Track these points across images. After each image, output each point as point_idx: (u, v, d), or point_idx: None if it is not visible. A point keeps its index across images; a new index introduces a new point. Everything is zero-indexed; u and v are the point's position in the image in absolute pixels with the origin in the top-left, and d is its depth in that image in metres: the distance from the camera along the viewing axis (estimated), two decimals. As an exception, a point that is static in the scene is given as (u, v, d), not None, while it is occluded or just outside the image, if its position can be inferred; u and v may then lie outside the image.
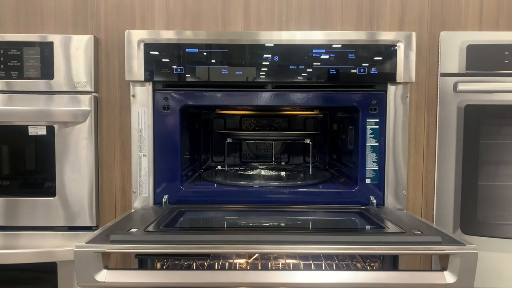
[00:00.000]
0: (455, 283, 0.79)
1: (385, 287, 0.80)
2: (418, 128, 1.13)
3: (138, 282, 0.79)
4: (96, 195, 1.13)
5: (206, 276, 0.80)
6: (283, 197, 1.14)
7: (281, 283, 0.80)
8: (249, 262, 1.32)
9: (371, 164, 1.14)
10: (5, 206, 1.12)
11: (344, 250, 0.79)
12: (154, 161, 1.13)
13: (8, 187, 1.13)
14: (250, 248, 0.80)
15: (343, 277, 0.80)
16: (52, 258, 1.10)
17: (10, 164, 1.14)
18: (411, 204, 1.13)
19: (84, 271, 0.78)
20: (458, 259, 0.78)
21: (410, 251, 0.80)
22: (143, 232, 0.83)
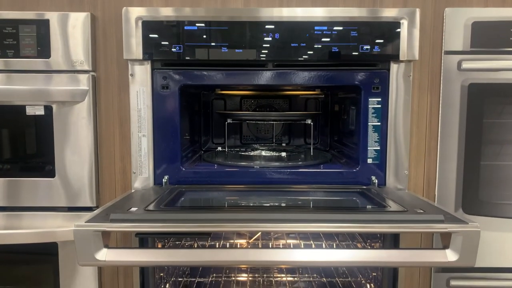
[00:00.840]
0: (457, 261, 0.78)
1: (386, 265, 0.80)
2: (421, 107, 1.12)
3: (139, 260, 0.79)
4: (96, 175, 1.12)
5: (207, 254, 0.80)
6: (284, 177, 1.14)
7: (282, 261, 0.80)
8: (250, 242, 1.33)
9: (373, 144, 1.12)
10: (7, 186, 1.11)
11: (346, 228, 0.79)
12: (153, 142, 1.11)
13: (8, 168, 1.12)
14: (251, 227, 0.79)
15: (345, 255, 0.79)
16: (52, 238, 1.09)
17: (9, 145, 1.13)
18: (412, 184, 1.12)
19: (84, 250, 0.77)
20: (460, 237, 0.78)
21: (412, 229, 0.79)
22: (143, 211, 0.82)
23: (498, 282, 1.13)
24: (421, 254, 0.79)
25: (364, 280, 1.32)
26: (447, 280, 1.14)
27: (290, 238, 1.50)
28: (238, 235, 1.54)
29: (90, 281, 1.13)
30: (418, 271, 1.14)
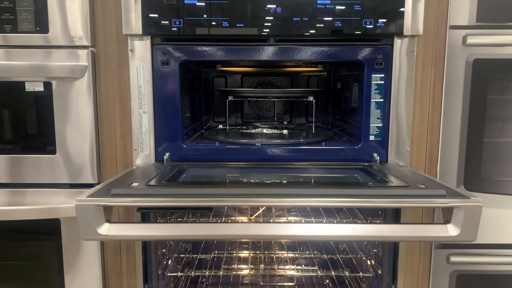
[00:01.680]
0: (458, 235, 0.79)
1: (388, 239, 0.80)
2: (424, 83, 1.10)
3: (141, 235, 0.80)
4: (97, 152, 1.12)
5: (208, 228, 0.80)
6: (285, 154, 1.13)
7: (283, 235, 0.80)
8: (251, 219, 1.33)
9: (375, 121, 1.12)
10: (9, 163, 1.11)
11: (347, 203, 0.79)
12: (154, 118, 1.11)
13: (9, 145, 1.12)
14: (252, 201, 0.79)
15: (346, 229, 0.79)
16: (55, 214, 1.10)
17: (9, 122, 1.12)
18: (414, 161, 1.12)
19: (86, 225, 0.78)
20: (461, 212, 0.78)
21: (414, 204, 0.79)
22: (145, 186, 0.82)
23: (498, 258, 1.14)
24: (422, 229, 0.80)
25: (364, 257, 1.33)
26: (447, 256, 1.14)
27: (291, 215, 1.50)
28: (239, 212, 1.55)
29: (93, 258, 1.14)
30: (418, 247, 1.15)
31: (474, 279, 1.16)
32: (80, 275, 1.15)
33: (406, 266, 1.15)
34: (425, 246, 1.15)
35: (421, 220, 1.14)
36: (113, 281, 1.17)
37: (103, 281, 1.16)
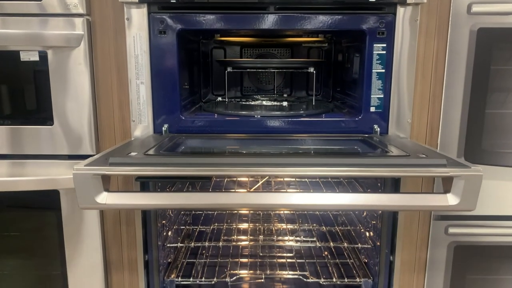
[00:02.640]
0: (457, 205, 0.78)
1: (387, 209, 0.80)
2: (427, 53, 1.08)
3: (139, 203, 0.79)
4: (95, 123, 1.10)
5: (207, 197, 0.80)
6: (285, 126, 1.12)
7: (282, 204, 0.80)
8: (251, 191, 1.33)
9: (376, 92, 1.10)
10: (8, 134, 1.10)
11: (347, 172, 0.78)
12: (152, 89, 1.09)
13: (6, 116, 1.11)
14: (252, 171, 0.78)
15: (346, 199, 0.79)
16: (54, 186, 1.10)
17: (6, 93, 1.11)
18: (415, 133, 1.11)
19: (84, 194, 0.77)
20: (462, 181, 0.77)
21: (414, 173, 0.78)
22: (143, 156, 0.82)
23: (496, 230, 1.14)
24: (422, 198, 0.79)
25: (363, 229, 1.34)
26: (445, 227, 1.15)
27: (290, 188, 1.51)
28: (239, 186, 1.55)
29: (93, 229, 1.15)
30: (417, 219, 1.15)
31: (472, 250, 1.17)
32: (81, 246, 1.16)
33: (405, 237, 1.16)
34: (424, 217, 1.15)
35: (420, 190, 1.14)
36: (114, 252, 1.18)
37: (103, 252, 1.17)
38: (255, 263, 1.42)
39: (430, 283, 1.18)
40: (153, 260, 1.15)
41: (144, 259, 1.15)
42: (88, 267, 1.16)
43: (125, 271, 1.19)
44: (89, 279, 1.17)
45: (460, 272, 1.18)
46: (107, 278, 1.19)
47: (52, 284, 1.20)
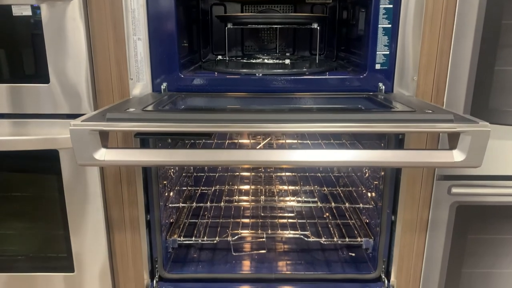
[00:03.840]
0: (463, 161, 0.77)
1: (391, 165, 0.79)
2: (436, 7, 1.03)
3: (138, 160, 0.78)
4: (92, 81, 1.07)
5: (208, 154, 0.78)
6: (287, 85, 1.09)
7: (285, 161, 0.78)
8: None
9: (382, 48, 1.06)
10: (8, 93, 1.08)
11: (351, 128, 0.76)
12: (150, 46, 1.05)
13: (2, 74, 1.08)
14: (254, 127, 0.76)
15: (349, 155, 0.78)
16: (53, 145, 1.09)
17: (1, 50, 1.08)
18: (421, 91, 1.08)
19: (82, 150, 0.76)
20: (468, 137, 0.75)
21: (420, 128, 0.76)
22: (141, 111, 0.80)
23: (501, 190, 1.13)
24: (426, 154, 0.78)
25: (365, 190, 1.34)
26: (448, 187, 1.14)
27: (292, 148, 1.49)
28: (240, 147, 1.54)
29: (94, 189, 1.14)
30: (420, 179, 1.14)
31: (474, 210, 1.16)
32: (82, 206, 1.16)
33: (407, 197, 1.15)
34: (427, 177, 1.14)
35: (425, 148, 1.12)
36: (115, 212, 1.18)
37: (104, 211, 1.17)
38: (256, 223, 1.43)
39: (431, 243, 1.19)
40: (155, 220, 1.15)
41: (146, 218, 1.15)
42: (90, 226, 1.17)
43: (127, 230, 1.19)
44: (92, 238, 1.18)
45: (461, 232, 1.18)
46: (109, 237, 1.19)
47: (56, 244, 1.21)
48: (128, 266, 1.23)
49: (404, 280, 1.24)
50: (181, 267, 1.24)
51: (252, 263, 1.27)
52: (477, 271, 1.21)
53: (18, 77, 1.08)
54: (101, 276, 1.21)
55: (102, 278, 1.21)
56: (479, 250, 1.20)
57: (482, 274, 1.22)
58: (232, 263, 1.27)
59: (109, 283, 1.22)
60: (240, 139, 1.51)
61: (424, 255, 1.21)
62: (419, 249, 1.21)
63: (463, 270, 1.21)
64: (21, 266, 1.22)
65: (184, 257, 1.31)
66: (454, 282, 1.22)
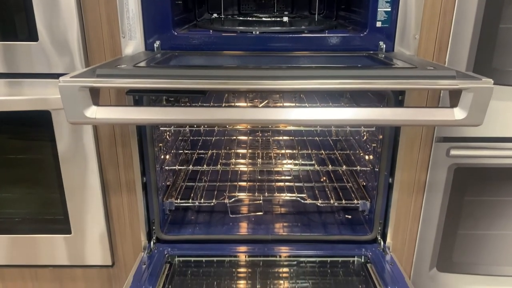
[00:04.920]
0: (464, 119, 0.75)
1: (390, 123, 0.77)
2: (442, -41, 0.99)
3: (131, 118, 0.76)
4: (83, 39, 1.03)
5: (203, 112, 0.76)
6: (285, 44, 1.06)
7: (282, 120, 0.76)
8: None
9: (384, 5, 1.02)
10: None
11: (350, 85, 0.73)
12: (141, 2, 1.01)
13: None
14: (250, 84, 0.74)
15: (348, 113, 0.76)
16: (45, 106, 1.06)
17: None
18: (422, 50, 1.04)
19: (72, 107, 0.74)
20: (470, 94, 0.73)
21: (421, 85, 0.74)
22: (133, 67, 0.77)
23: (499, 152, 1.12)
24: (427, 112, 0.76)
25: (363, 153, 1.32)
26: (447, 149, 1.13)
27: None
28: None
29: (88, 151, 1.13)
30: (419, 140, 1.13)
31: (472, 172, 1.16)
32: (77, 169, 1.14)
33: (405, 159, 1.14)
34: (426, 139, 1.12)
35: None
36: (111, 174, 1.17)
37: (100, 174, 1.16)
38: (253, 186, 1.42)
39: (428, 205, 1.19)
40: (151, 182, 1.14)
41: (142, 181, 1.14)
42: (86, 189, 1.16)
43: (123, 192, 1.18)
44: (88, 201, 1.17)
45: (458, 194, 1.18)
46: (105, 200, 1.19)
47: (52, 207, 1.21)
48: (125, 228, 1.23)
49: (400, 241, 1.25)
50: (178, 229, 1.25)
51: (249, 225, 1.27)
52: (473, 232, 1.22)
53: (7, 35, 1.04)
54: (99, 237, 1.22)
55: (100, 240, 1.22)
56: (475, 212, 1.20)
57: (478, 235, 1.23)
58: (229, 225, 1.27)
59: (107, 245, 1.23)
60: (237, 102, 1.49)
61: (420, 217, 1.21)
62: (416, 211, 1.21)
63: (459, 232, 1.22)
64: (22, 228, 1.23)
65: (181, 219, 1.31)
66: (450, 243, 1.24)
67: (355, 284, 1.08)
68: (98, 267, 1.26)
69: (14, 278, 1.29)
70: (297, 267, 1.13)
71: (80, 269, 1.27)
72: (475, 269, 1.26)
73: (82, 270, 1.27)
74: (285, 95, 1.49)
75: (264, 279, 1.08)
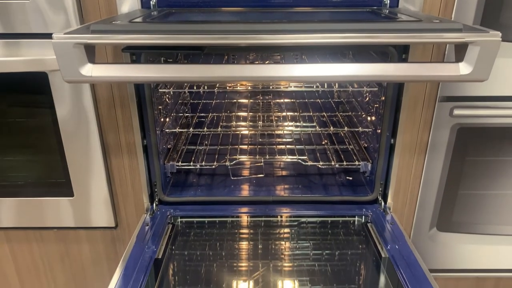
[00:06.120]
0: (470, 74, 0.73)
1: (393, 79, 0.75)
2: None
3: (128, 76, 0.74)
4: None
5: (201, 69, 0.74)
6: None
7: (283, 77, 0.74)
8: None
9: (389, -43, 0.98)
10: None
11: (353, 39, 0.71)
12: (136, -45, 0.97)
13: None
14: (250, 39, 0.71)
15: (351, 69, 0.74)
16: (41, 67, 1.04)
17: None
18: (428, 5, 1.01)
19: (67, 65, 0.72)
20: (477, 48, 0.71)
21: (426, 39, 0.71)
22: (128, 23, 0.74)
23: (504, 111, 1.10)
24: (431, 67, 0.74)
25: (365, 114, 1.31)
26: (450, 109, 1.11)
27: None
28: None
29: (87, 114, 1.12)
30: (422, 100, 1.11)
31: (475, 132, 1.15)
32: (77, 133, 1.14)
33: (408, 119, 1.13)
34: (429, 98, 1.11)
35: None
36: (111, 137, 1.16)
37: (100, 137, 1.15)
38: (254, 149, 1.42)
39: (430, 165, 1.19)
40: (152, 145, 1.14)
41: (142, 143, 1.13)
42: (87, 152, 1.16)
43: (124, 155, 1.18)
44: (89, 163, 1.17)
45: (460, 154, 1.17)
46: (106, 162, 1.19)
47: (53, 171, 1.21)
48: (127, 190, 1.24)
49: (401, 202, 1.25)
50: (180, 191, 1.26)
51: (250, 187, 1.28)
52: (473, 192, 1.23)
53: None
54: (102, 200, 1.23)
55: (103, 202, 1.23)
56: (476, 172, 1.20)
57: (478, 195, 1.23)
58: (231, 187, 1.28)
59: (110, 207, 1.24)
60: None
61: (421, 178, 1.21)
62: (417, 172, 1.21)
63: (460, 192, 1.23)
64: (26, 191, 1.23)
65: (183, 182, 1.31)
66: (450, 203, 1.24)
67: (355, 243, 1.10)
68: (102, 228, 1.28)
69: (20, 240, 1.31)
70: (298, 228, 1.15)
71: (84, 231, 1.28)
72: (475, 229, 1.27)
73: (86, 232, 1.29)
74: (286, 57, 1.46)
75: (265, 239, 1.09)
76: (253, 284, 0.94)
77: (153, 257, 0.98)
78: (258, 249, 1.06)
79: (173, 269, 1.00)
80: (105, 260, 1.34)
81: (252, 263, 1.01)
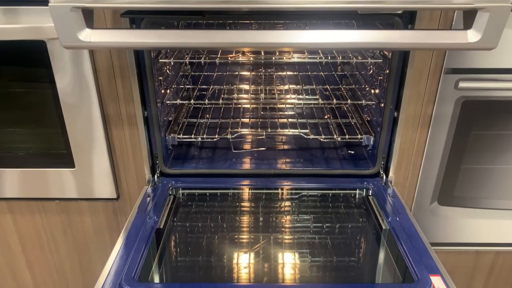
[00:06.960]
0: (478, 42, 0.71)
1: (399, 47, 0.73)
2: None
3: (127, 42, 0.73)
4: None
5: (202, 35, 0.72)
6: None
7: (287, 43, 0.73)
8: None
9: None
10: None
11: (358, 4, 0.69)
12: None
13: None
14: (250, 3, 0.69)
15: (355, 36, 0.72)
16: (39, 35, 1.02)
17: None
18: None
19: (65, 30, 0.70)
20: (486, 15, 0.69)
21: (434, 4, 0.69)
22: (127, -13, 0.72)
23: (510, 84, 1.08)
24: (438, 35, 0.72)
25: (368, 87, 1.29)
26: (456, 81, 1.09)
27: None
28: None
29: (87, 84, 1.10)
30: (426, 72, 1.09)
31: (480, 105, 1.13)
32: (77, 103, 1.13)
33: (412, 92, 1.11)
34: (435, 70, 1.08)
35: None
36: (111, 108, 1.15)
37: (100, 107, 1.14)
38: (256, 123, 1.41)
39: (433, 138, 1.17)
40: (153, 117, 1.13)
41: (143, 115, 1.12)
42: (87, 122, 1.15)
43: (125, 126, 1.17)
44: (90, 134, 1.17)
45: (465, 127, 1.16)
46: (107, 133, 1.18)
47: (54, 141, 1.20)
48: (128, 162, 1.23)
49: (403, 176, 1.25)
50: (181, 163, 1.25)
51: (252, 160, 1.27)
52: (476, 167, 1.22)
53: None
54: (103, 171, 1.23)
55: (104, 173, 1.23)
56: (480, 146, 1.19)
57: (481, 169, 1.22)
58: (232, 160, 1.27)
59: (111, 178, 1.24)
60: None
61: (424, 151, 1.20)
62: (420, 145, 1.20)
63: (462, 166, 1.22)
64: (27, 162, 1.23)
65: (184, 154, 1.31)
66: (452, 177, 1.24)
67: (356, 216, 1.10)
68: (104, 200, 1.28)
69: (23, 211, 1.32)
70: (299, 201, 1.15)
71: (86, 202, 1.29)
72: (476, 203, 1.27)
73: (88, 203, 1.29)
74: (289, 27, 1.43)
75: (266, 212, 1.10)
76: (254, 255, 0.94)
77: (154, 227, 0.98)
78: (259, 221, 1.06)
79: (174, 239, 1.01)
80: (107, 231, 1.36)
81: (253, 235, 1.01)
